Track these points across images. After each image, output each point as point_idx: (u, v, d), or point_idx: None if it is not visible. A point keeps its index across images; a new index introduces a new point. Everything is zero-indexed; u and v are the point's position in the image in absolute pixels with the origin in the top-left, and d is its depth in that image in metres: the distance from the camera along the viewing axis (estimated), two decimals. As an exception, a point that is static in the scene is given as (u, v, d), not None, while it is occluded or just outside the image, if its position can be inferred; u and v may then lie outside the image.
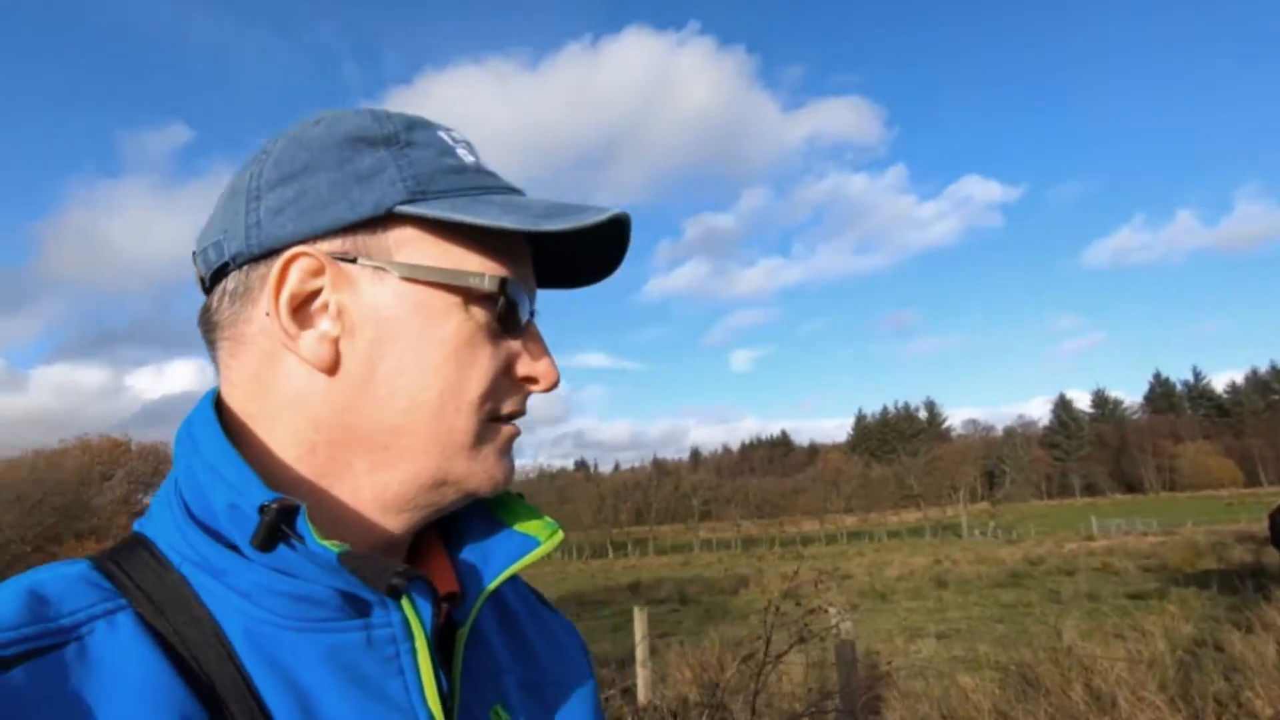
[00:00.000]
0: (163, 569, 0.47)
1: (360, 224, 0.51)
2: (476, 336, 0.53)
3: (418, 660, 0.48)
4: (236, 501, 0.46)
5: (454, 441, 0.52)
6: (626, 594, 25.07)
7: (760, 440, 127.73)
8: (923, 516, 71.76)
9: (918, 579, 20.42)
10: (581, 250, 0.59)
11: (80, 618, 0.42)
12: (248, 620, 0.46)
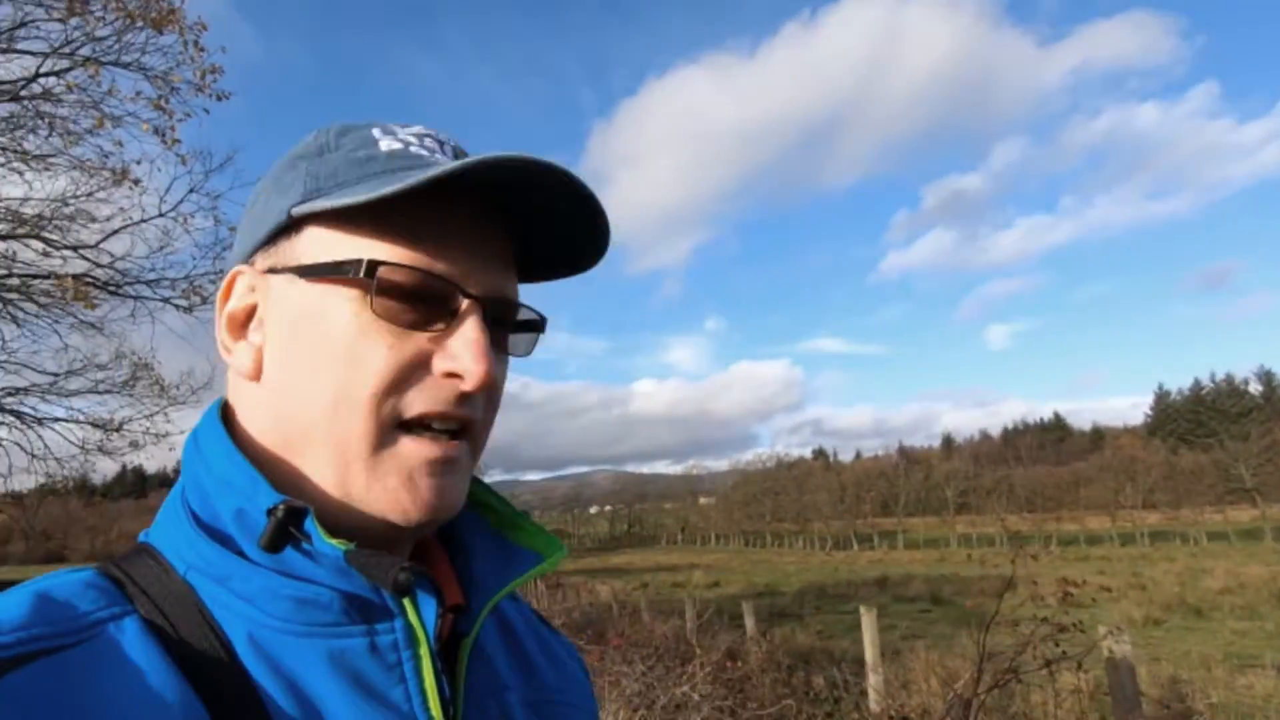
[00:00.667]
0: (168, 576, 0.48)
1: (277, 234, 0.53)
2: (372, 329, 0.49)
3: (421, 668, 0.48)
4: (244, 506, 0.47)
5: (350, 448, 0.49)
6: (872, 589, 23.80)
7: (1027, 424, 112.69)
8: (1259, 515, 57.26)
9: (1252, 593, 16.42)
10: (564, 228, 0.55)
11: (88, 620, 0.42)
12: (252, 626, 0.46)
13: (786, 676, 6.66)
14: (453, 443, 0.51)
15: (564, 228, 0.55)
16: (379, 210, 0.49)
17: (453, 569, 0.59)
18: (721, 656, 7.11)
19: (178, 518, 0.50)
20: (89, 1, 6.15)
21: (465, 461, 0.53)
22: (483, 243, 0.53)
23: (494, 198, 0.53)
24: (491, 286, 0.53)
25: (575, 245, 0.57)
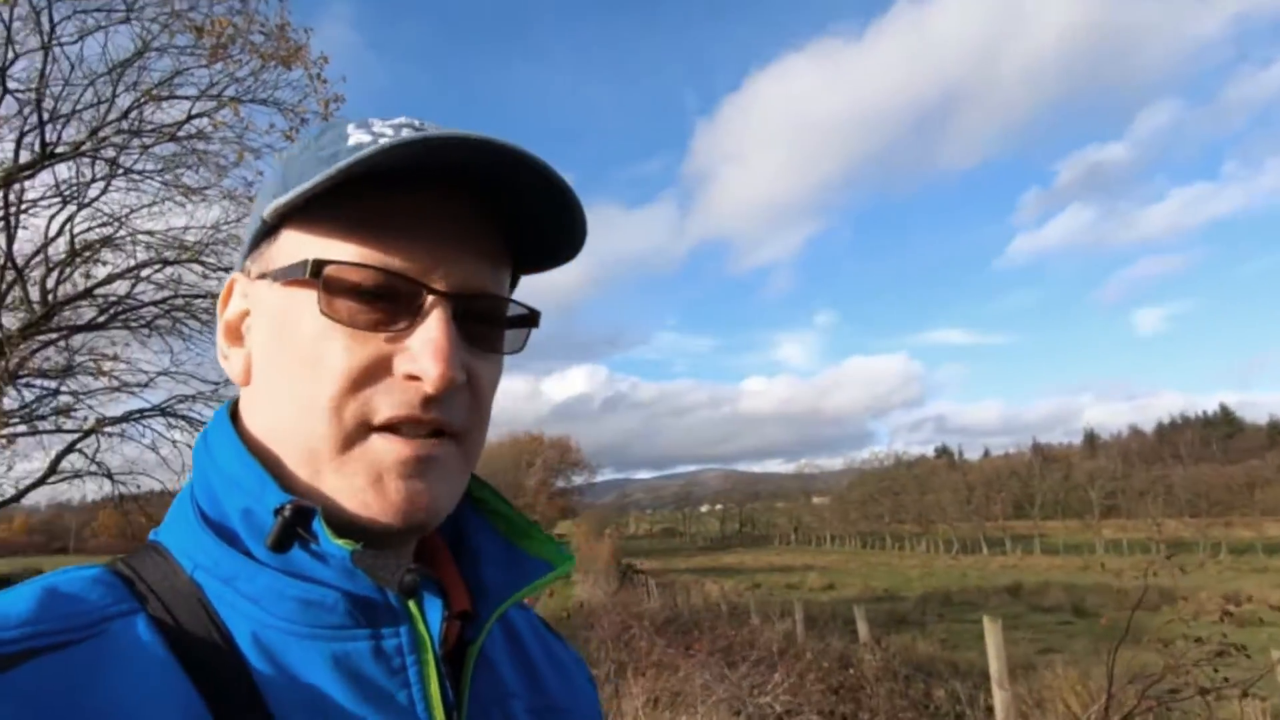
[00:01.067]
0: (175, 575, 0.47)
1: (260, 239, 0.53)
2: (330, 332, 0.48)
3: (425, 673, 0.48)
4: (251, 506, 0.47)
5: (316, 451, 0.48)
6: (1004, 597, 22.20)
7: (1187, 418, 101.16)
8: None
9: None
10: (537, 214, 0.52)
11: (95, 617, 0.42)
12: (257, 626, 0.46)
13: (904, 687, 6.31)
14: (430, 440, 0.49)
15: (537, 214, 0.52)
16: (336, 206, 0.48)
17: (461, 575, 0.58)
18: (833, 662, 6.86)
19: (186, 517, 0.50)
20: (228, 47, 6.84)
21: (449, 462, 0.50)
22: (454, 234, 0.50)
23: (471, 187, 0.50)
24: (462, 280, 0.50)
25: (550, 233, 0.54)
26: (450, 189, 0.50)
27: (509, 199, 0.51)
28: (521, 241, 0.55)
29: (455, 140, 0.45)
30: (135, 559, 0.49)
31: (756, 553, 62.39)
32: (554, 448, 73.95)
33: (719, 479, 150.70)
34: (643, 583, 18.68)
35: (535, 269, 0.59)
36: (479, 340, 0.52)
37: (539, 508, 63.34)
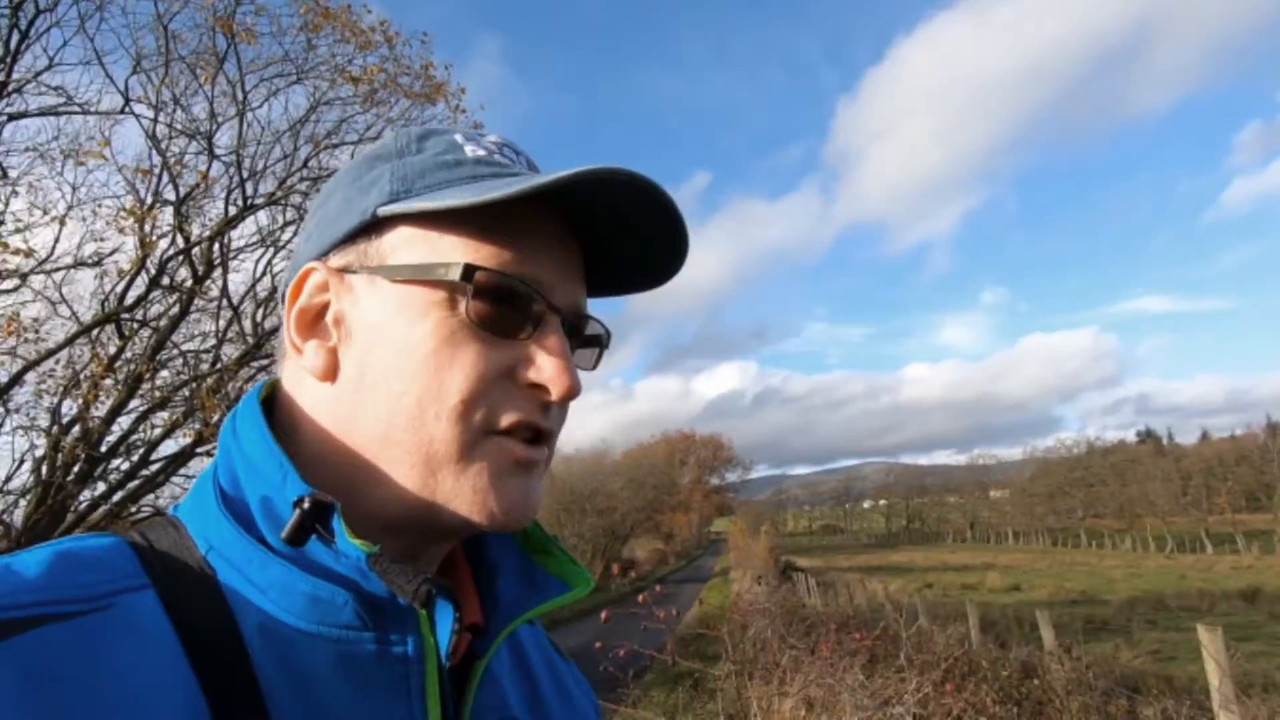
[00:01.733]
0: (189, 554, 0.47)
1: (358, 234, 0.52)
2: (459, 335, 0.49)
3: (426, 684, 0.47)
4: (270, 495, 0.47)
5: (436, 452, 0.48)
6: (1236, 603, 19.00)
7: None
8: None
9: None
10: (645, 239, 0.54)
11: (106, 589, 0.42)
12: (264, 616, 0.45)
13: (1102, 703, 5.58)
14: (535, 446, 0.51)
15: (644, 239, 0.54)
16: (474, 215, 0.49)
17: (476, 587, 0.58)
18: (1013, 671, 6.22)
19: (206, 496, 0.49)
20: (380, 92, 7.57)
21: (543, 467, 0.53)
22: (565, 253, 0.53)
23: (574, 211, 0.53)
24: (572, 298, 0.53)
25: (654, 258, 0.57)
26: (565, 213, 0.53)
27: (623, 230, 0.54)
28: (611, 264, 0.58)
29: (624, 176, 0.48)
30: (152, 532, 0.48)
31: (927, 551, 58.45)
32: (706, 445, 74.29)
33: (881, 473, 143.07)
34: (803, 581, 18.15)
35: (619, 291, 0.61)
36: (575, 357, 0.55)
37: (694, 505, 63.86)
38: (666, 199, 0.50)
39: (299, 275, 0.54)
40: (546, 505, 35.39)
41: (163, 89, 6.65)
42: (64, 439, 6.28)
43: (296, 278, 0.54)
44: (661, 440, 67.04)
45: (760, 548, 30.50)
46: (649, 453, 55.07)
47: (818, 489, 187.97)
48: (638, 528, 42.96)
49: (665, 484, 51.94)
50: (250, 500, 0.48)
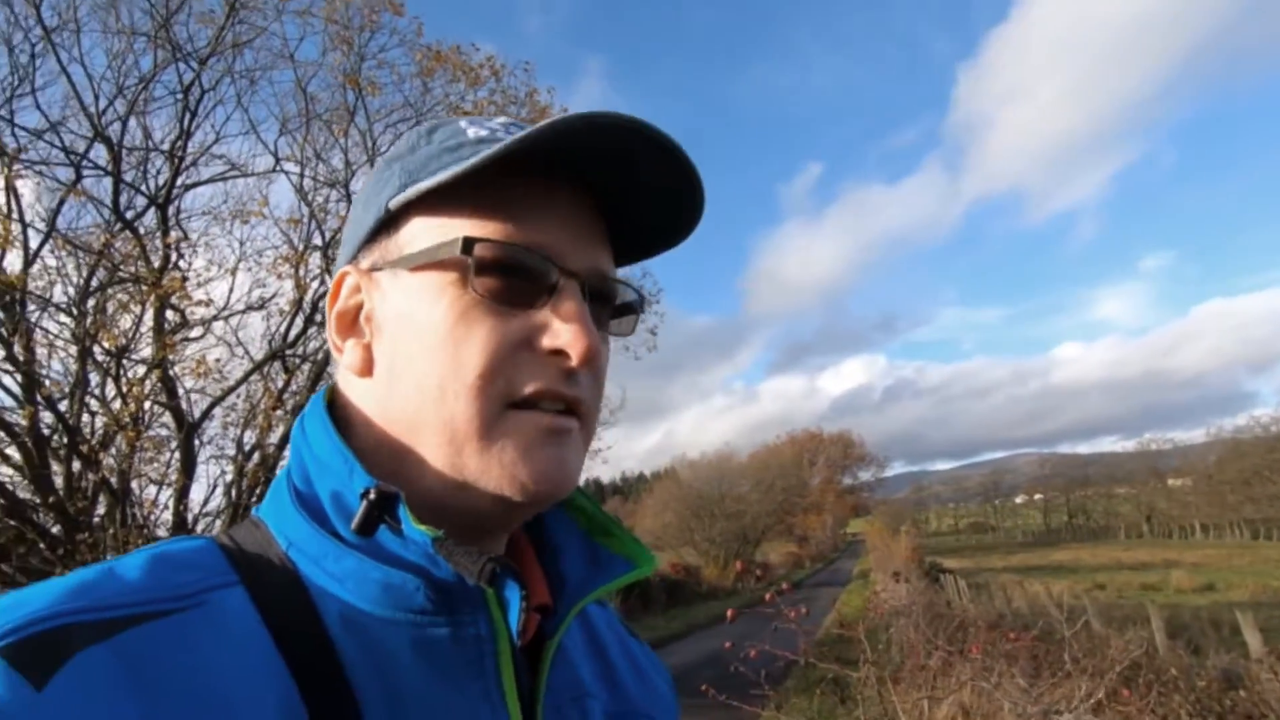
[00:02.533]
0: (272, 552, 0.49)
1: (379, 232, 0.55)
2: (472, 311, 0.49)
3: (500, 664, 0.48)
4: (339, 489, 0.49)
5: (459, 431, 0.49)
6: None
7: None
8: None
9: None
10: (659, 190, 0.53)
11: (199, 587, 0.45)
12: (343, 606, 0.47)
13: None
14: (565, 415, 0.51)
15: (657, 193, 0.53)
16: (473, 192, 0.50)
17: (542, 569, 0.59)
18: (1211, 681, 5.49)
19: (282, 496, 0.52)
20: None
21: (578, 439, 0.52)
22: (578, 218, 0.53)
23: (586, 175, 0.52)
24: (590, 262, 0.52)
25: (670, 212, 0.55)
26: (576, 178, 0.52)
27: (625, 191, 0.53)
28: (630, 227, 0.57)
29: (612, 118, 0.46)
30: (238, 532, 0.52)
31: (1095, 548, 52.89)
32: (835, 444, 71.68)
33: (1034, 464, 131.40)
34: (951, 583, 17.02)
35: (642, 255, 0.60)
36: (599, 321, 0.54)
37: (827, 506, 61.73)
38: (664, 138, 0.49)
39: (335, 280, 0.57)
40: (675, 511, 35.53)
41: (305, 146, 7.42)
42: (246, 465, 7.12)
43: (333, 283, 0.57)
44: (788, 441, 65.51)
45: (901, 548, 28.95)
46: (775, 454, 53.92)
47: (962, 485, 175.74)
48: (769, 531, 42.13)
49: (794, 485, 50.60)
50: (322, 496, 0.50)
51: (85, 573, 0.44)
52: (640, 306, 0.59)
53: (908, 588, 9.05)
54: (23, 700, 0.36)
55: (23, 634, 0.38)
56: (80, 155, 6.39)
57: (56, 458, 6.12)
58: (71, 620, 0.39)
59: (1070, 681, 4.77)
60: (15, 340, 5.79)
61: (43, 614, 0.39)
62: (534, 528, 0.62)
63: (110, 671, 0.38)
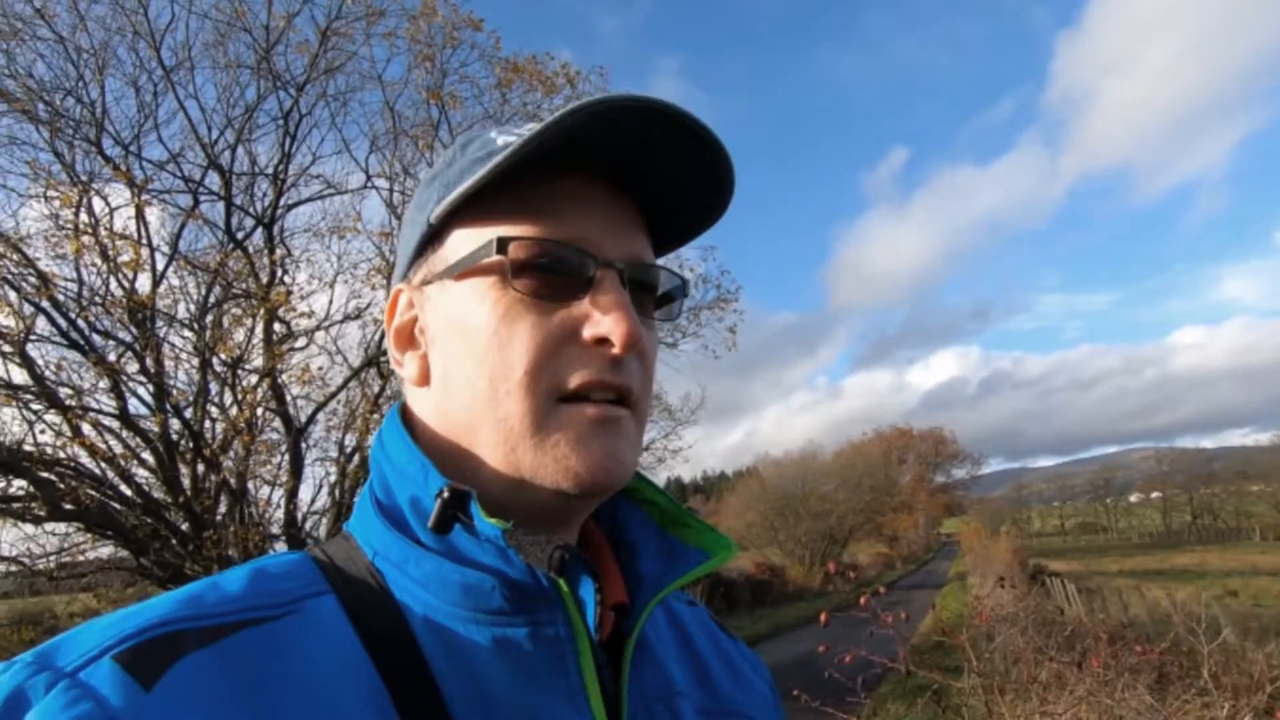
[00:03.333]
0: (359, 562, 0.52)
1: (425, 247, 0.56)
2: (515, 310, 0.50)
3: (581, 664, 0.49)
4: (417, 494, 0.51)
5: (513, 428, 0.50)
6: None
7: None
8: None
9: None
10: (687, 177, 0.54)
11: (293, 595, 0.48)
12: (428, 609, 0.49)
13: None
14: (615, 405, 0.51)
15: (686, 171, 0.53)
16: (506, 195, 0.51)
17: (618, 567, 0.59)
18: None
19: (366, 508, 0.55)
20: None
21: (630, 427, 0.53)
22: (613, 209, 0.53)
23: (618, 166, 0.53)
24: (627, 251, 0.53)
25: (701, 189, 0.55)
26: (609, 170, 0.53)
27: (654, 174, 0.53)
28: (661, 217, 0.57)
29: (616, 101, 0.47)
30: (329, 546, 0.55)
31: (1225, 551, 48.37)
32: (926, 440, 68.84)
33: (1150, 460, 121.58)
34: (1058, 587, 15.97)
35: (681, 240, 0.60)
36: (643, 308, 0.54)
37: (918, 505, 59.36)
38: (675, 111, 0.48)
39: (390, 298, 0.59)
40: (759, 510, 35.07)
41: (394, 162, 7.78)
42: (348, 466, 7.53)
43: (389, 302, 0.59)
44: (875, 438, 63.35)
45: (1001, 549, 27.40)
46: (862, 451, 52.28)
47: (1067, 482, 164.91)
48: (857, 530, 40.93)
49: (883, 484, 48.92)
50: (402, 503, 0.52)
51: (194, 586, 0.47)
52: (684, 291, 0.59)
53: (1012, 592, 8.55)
54: (132, 701, 0.38)
55: (135, 640, 0.41)
56: (197, 183, 6.96)
57: (184, 461, 6.68)
58: (179, 628, 0.43)
59: (1206, 700, 4.35)
60: (147, 354, 6.36)
61: (154, 622, 0.43)
62: (609, 525, 0.62)
63: (213, 673, 0.41)
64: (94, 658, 0.40)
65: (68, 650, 0.41)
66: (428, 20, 7.36)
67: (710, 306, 10.04)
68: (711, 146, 0.51)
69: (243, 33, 6.86)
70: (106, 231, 6.45)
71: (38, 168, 6.49)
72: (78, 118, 6.48)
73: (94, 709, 0.38)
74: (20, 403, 6.10)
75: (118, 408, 6.41)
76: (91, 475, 6.36)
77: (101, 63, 6.50)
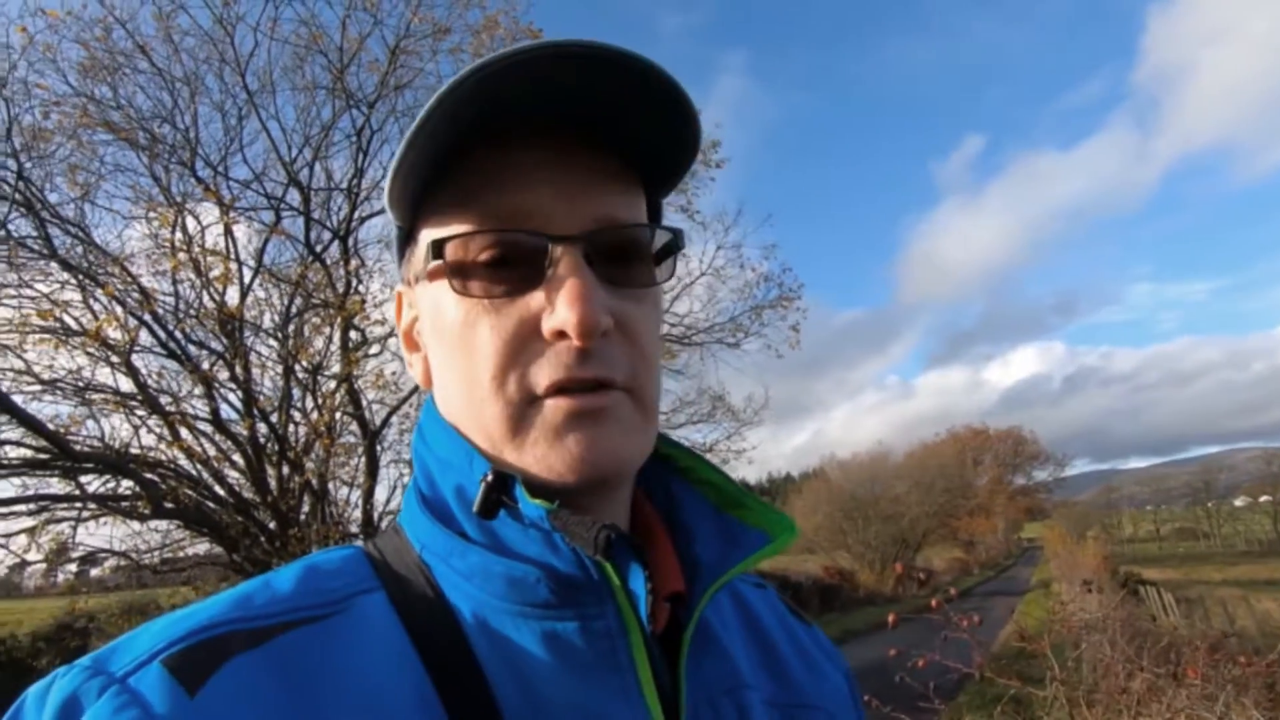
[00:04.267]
0: (409, 557, 0.51)
1: (404, 248, 0.55)
2: (473, 312, 0.48)
3: (635, 658, 0.47)
4: (462, 483, 0.49)
5: (493, 433, 0.48)
6: None
7: None
8: None
9: None
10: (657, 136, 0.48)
11: (344, 593, 0.48)
12: (475, 604, 0.48)
13: None
14: (596, 393, 0.47)
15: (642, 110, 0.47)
16: (448, 187, 0.48)
17: (676, 553, 0.55)
18: None
19: (411, 503, 0.54)
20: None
21: (622, 412, 0.48)
22: (571, 171, 0.48)
23: (574, 121, 0.47)
24: (589, 216, 0.48)
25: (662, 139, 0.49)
26: (551, 127, 0.47)
27: (607, 115, 0.47)
28: (642, 160, 0.51)
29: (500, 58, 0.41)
30: (381, 540, 0.54)
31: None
32: (1003, 440, 65.76)
33: (1257, 461, 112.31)
34: (1153, 596, 14.98)
35: (667, 184, 0.54)
36: (622, 278, 0.49)
37: (996, 509, 56.76)
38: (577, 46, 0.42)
39: (395, 301, 0.59)
40: (826, 513, 34.29)
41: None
42: (420, 467, 7.79)
43: (395, 301, 0.58)
44: (948, 438, 61.00)
45: (1089, 556, 25.87)
46: (934, 452, 50.41)
47: (1162, 484, 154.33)
48: (930, 535, 39.47)
49: (957, 486, 47.00)
50: (446, 495, 0.51)
51: (246, 585, 0.48)
52: (678, 244, 0.53)
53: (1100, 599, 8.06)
54: (178, 706, 0.39)
55: (184, 644, 0.42)
56: (279, 200, 7.36)
57: (270, 463, 7.07)
58: (227, 629, 0.43)
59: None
60: (236, 362, 6.77)
61: (204, 624, 0.43)
62: (665, 509, 0.59)
63: (259, 675, 0.41)
64: (144, 662, 0.41)
65: (122, 654, 0.42)
66: (490, 34, 7.56)
67: (772, 305, 9.91)
68: (644, 68, 0.44)
69: (318, 55, 7.21)
70: (199, 248, 6.90)
71: (139, 191, 7.04)
72: (172, 143, 6.96)
73: (140, 716, 0.38)
74: (127, 409, 6.61)
75: (211, 412, 6.84)
76: (189, 476, 6.83)
77: (193, 90, 6.96)
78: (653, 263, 0.52)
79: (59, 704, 0.40)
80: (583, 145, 0.48)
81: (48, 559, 6.72)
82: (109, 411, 6.67)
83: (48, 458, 6.02)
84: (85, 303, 6.46)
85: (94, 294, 6.41)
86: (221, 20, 6.69)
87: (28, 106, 6.20)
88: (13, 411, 5.49)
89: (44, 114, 6.34)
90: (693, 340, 10.29)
